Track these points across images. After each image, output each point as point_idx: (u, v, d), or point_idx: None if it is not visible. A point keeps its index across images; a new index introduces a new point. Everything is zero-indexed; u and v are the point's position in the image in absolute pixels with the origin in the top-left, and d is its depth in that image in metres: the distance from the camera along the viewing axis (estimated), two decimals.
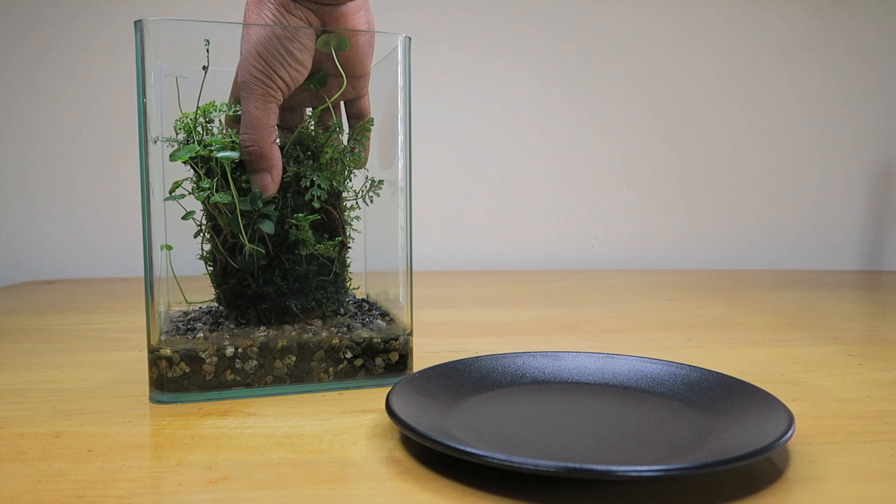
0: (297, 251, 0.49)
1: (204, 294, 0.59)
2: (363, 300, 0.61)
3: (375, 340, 0.51)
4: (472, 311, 0.83)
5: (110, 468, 0.36)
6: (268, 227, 0.47)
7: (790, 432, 0.35)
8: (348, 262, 0.53)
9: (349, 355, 0.50)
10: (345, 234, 0.52)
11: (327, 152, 0.50)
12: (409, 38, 0.51)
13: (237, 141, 0.48)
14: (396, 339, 0.51)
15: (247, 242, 0.48)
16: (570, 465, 0.31)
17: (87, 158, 1.15)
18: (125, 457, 0.37)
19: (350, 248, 0.53)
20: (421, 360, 0.56)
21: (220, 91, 0.56)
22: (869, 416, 0.45)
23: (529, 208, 1.28)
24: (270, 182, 0.48)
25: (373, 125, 0.53)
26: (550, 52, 1.25)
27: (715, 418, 0.41)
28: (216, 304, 0.52)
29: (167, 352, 0.46)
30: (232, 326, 0.51)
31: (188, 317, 0.54)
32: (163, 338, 0.48)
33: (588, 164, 1.29)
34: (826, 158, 1.35)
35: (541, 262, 1.28)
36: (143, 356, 0.58)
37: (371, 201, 0.54)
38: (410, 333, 0.52)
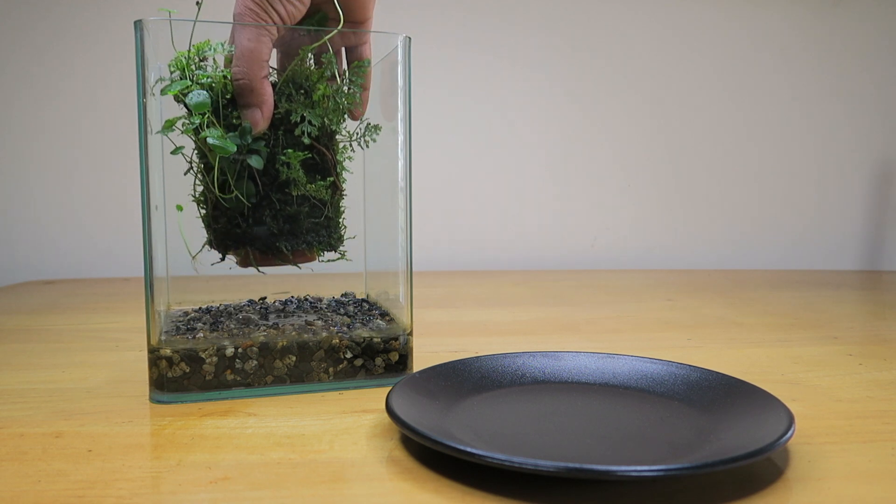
0: (287, 191, 0.49)
1: (204, 294, 0.59)
2: (363, 300, 0.61)
3: (375, 340, 0.51)
4: (472, 311, 0.83)
5: (110, 468, 0.36)
6: (256, 162, 0.46)
7: (790, 432, 0.35)
8: (343, 209, 0.52)
9: (349, 355, 0.50)
10: (337, 176, 0.51)
11: (319, 89, 0.49)
12: (409, 38, 0.51)
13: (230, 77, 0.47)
14: (396, 339, 0.51)
15: (232, 182, 0.47)
16: (570, 465, 0.31)
17: (88, 158, 1.15)
18: (125, 457, 0.37)
19: (345, 194, 0.52)
20: (421, 360, 0.56)
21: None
22: (869, 416, 0.45)
23: (529, 208, 1.28)
24: (261, 118, 0.47)
25: (369, 65, 0.52)
26: (550, 52, 1.25)
27: (715, 418, 0.41)
28: (208, 247, 0.51)
29: (167, 352, 0.46)
30: (232, 327, 0.51)
31: (188, 317, 0.54)
32: (163, 338, 0.48)
33: (588, 164, 1.29)
34: (826, 158, 1.35)
35: (541, 262, 1.28)
36: (143, 356, 0.58)
37: (367, 146, 0.52)
38: (410, 333, 0.52)
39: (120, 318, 0.77)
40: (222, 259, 0.50)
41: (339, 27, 0.50)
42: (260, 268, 0.50)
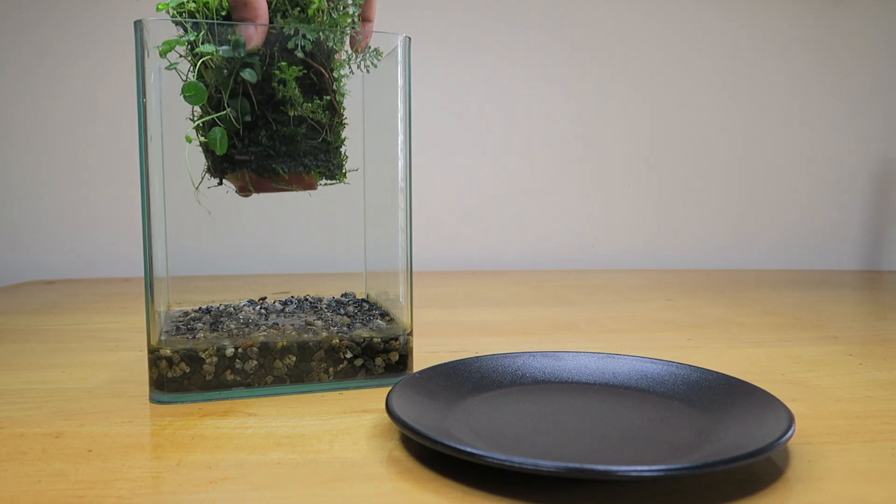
0: (283, 109, 0.47)
1: (204, 294, 0.59)
2: (363, 300, 0.61)
3: (375, 340, 0.51)
4: (472, 311, 0.83)
5: (110, 468, 0.36)
6: (249, 75, 0.46)
7: (790, 432, 0.35)
8: (343, 137, 0.51)
9: (349, 355, 0.50)
10: (335, 95, 0.49)
11: (314, 2, 0.48)
12: (409, 38, 0.51)
13: None
14: (396, 339, 0.51)
15: (226, 98, 0.46)
16: (570, 465, 0.31)
17: (87, 158, 1.15)
18: (125, 457, 0.37)
19: (346, 122, 0.50)
20: (421, 360, 0.56)
21: None
22: (869, 416, 0.45)
23: (529, 208, 1.28)
24: (254, 32, 0.46)
25: None
26: (550, 51, 1.25)
27: (715, 418, 0.41)
28: (208, 175, 0.50)
29: (167, 352, 0.46)
30: (232, 327, 0.51)
31: (188, 317, 0.54)
32: (163, 338, 0.48)
33: (588, 164, 1.29)
34: (826, 158, 1.35)
35: (541, 262, 1.28)
36: (143, 356, 0.58)
37: (367, 70, 0.51)
38: (410, 333, 0.52)
39: (120, 318, 0.77)
40: (220, 183, 0.49)
41: None
42: (258, 192, 0.49)
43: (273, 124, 0.47)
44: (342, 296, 0.62)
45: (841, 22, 1.32)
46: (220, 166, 0.48)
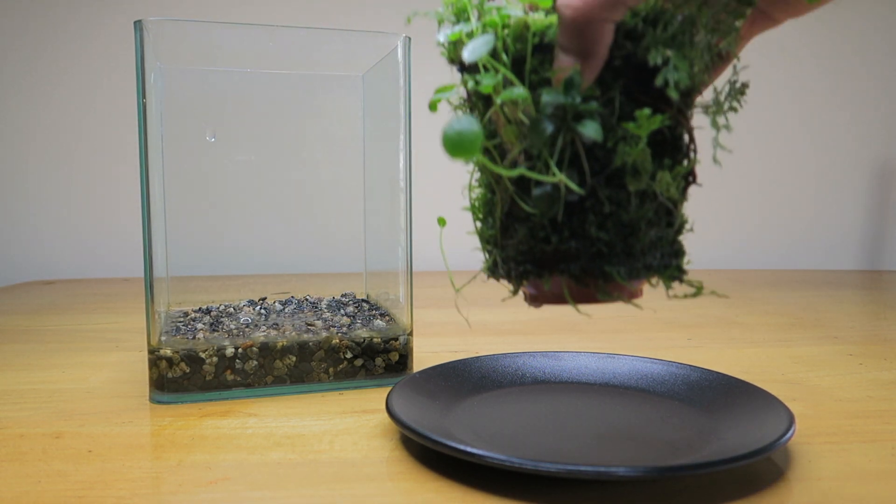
0: (622, 183, 0.31)
1: (204, 294, 0.59)
2: (363, 300, 0.61)
3: (375, 340, 0.51)
4: (472, 311, 0.83)
5: (110, 469, 0.36)
6: (592, 131, 0.29)
7: (790, 432, 0.35)
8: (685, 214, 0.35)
9: (349, 355, 0.50)
10: (694, 158, 0.35)
11: (690, 19, 0.31)
12: (409, 38, 0.51)
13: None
14: (396, 339, 0.51)
15: (553, 166, 0.30)
16: (570, 465, 0.31)
17: (87, 158, 1.15)
18: (125, 457, 0.37)
19: (700, 183, 0.36)
20: (421, 360, 0.56)
21: (232, 93, 0.56)
22: (869, 416, 0.45)
23: None
24: (586, 72, 0.30)
25: None
26: None
27: (715, 418, 0.41)
28: (486, 274, 0.36)
29: (167, 352, 0.46)
30: (232, 327, 0.51)
31: (188, 317, 0.54)
32: (163, 338, 0.48)
33: None
34: (826, 158, 1.35)
35: None
36: (143, 356, 0.58)
37: (735, 110, 0.37)
38: (410, 333, 0.52)
39: (120, 318, 0.77)
40: (515, 292, 0.35)
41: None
42: (575, 303, 0.33)
43: (606, 204, 0.31)
44: (342, 296, 0.62)
45: (841, 22, 1.32)
46: (521, 266, 0.33)
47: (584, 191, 0.31)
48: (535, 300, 0.34)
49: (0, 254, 1.15)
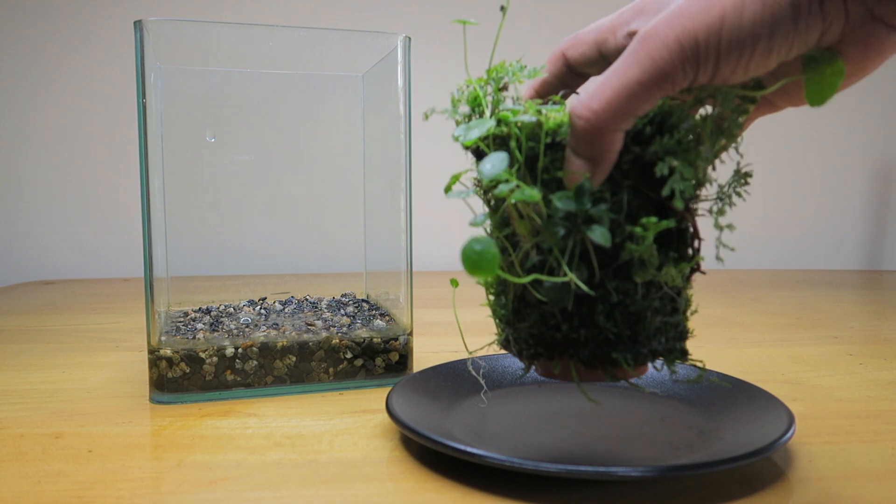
0: (630, 275, 0.33)
1: (204, 294, 0.59)
2: (363, 300, 0.61)
3: (375, 340, 0.51)
4: (472, 311, 0.82)
5: (111, 469, 0.36)
6: (600, 237, 0.31)
7: (790, 432, 0.35)
8: (690, 293, 0.37)
9: (349, 355, 0.50)
10: (698, 250, 0.36)
11: (694, 127, 0.33)
12: (409, 38, 0.51)
13: (558, 109, 0.34)
14: (396, 339, 0.51)
15: (564, 265, 0.32)
16: (570, 465, 0.31)
17: (88, 159, 1.15)
18: (125, 457, 0.37)
19: (704, 272, 0.37)
20: (421, 360, 0.56)
21: (232, 93, 0.55)
22: (869, 416, 0.45)
23: None
24: (595, 176, 0.32)
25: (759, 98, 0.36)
26: (550, 51, 1.25)
27: (715, 418, 0.41)
28: (499, 346, 0.38)
29: (167, 352, 0.46)
30: (232, 327, 0.51)
31: (188, 317, 0.54)
32: (163, 338, 0.48)
33: None
34: (826, 158, 1.35)
35: None
36: (143, 356, 0.58)
37: (737, 196, 0.38)
38: (410, 333, 0.52)
39: (120, 319, 0.77)
40: (527, 370, 0.37)
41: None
42: (581, 381, 0.35)
43: (614, 294, 0.33)
44: (342, 296, 0.62)
45: None
46: (529, 349, 0.35)
47: (594, 292, 0.33)
48: (546, 374, 0.36)
49: (0, 254, 1.15)
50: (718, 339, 0.67)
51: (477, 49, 1.22)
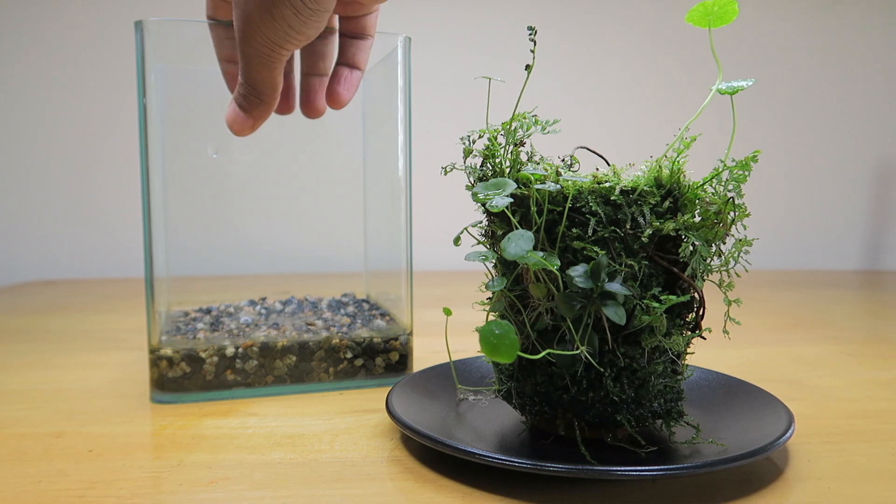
0: (638, 341, 0.34)
1: (204, 294, 0.59)
2: (363, 300, 0.61)
3: (376, 340, 0.51)
4: (473, 311, 0.82)
5: (111, 468, 0.36)
6: (614, 315, 0.32)
7: (790, 432, 0.35)
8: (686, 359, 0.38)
9: (349, 355, 0.50)
10: (702, 316, 0.37)
11: (708, 202, 0.36)
12: (409, 38, 0.51)
13: (578, 174, 0.36)
14: (397, 339, 0.51)
15: (577, 340, 0.33)
16: (570, 465, 0.31)
17: (88, 158, 1.15)
18: (126, 457, 0.37)
19: (705, 337, 0.37)
20: (421, 360, 0.56)
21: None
22: (869, 416, 0.45)
23: None
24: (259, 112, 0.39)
25: (755, 161, 0.39)
26: (551, 51, 1.25)
27: (715, 418, 0.41)
28: (497, 396, 0.39)
29: (168, 352, 0.46)
30: (232, 327, 0.51)
31: (188, 317, 0.54)
32: (163, 338, 0.48)
33: (588, 163, 1.29)
34: (826, 158, 1.35)
35: None
36: (144, 356, 0.58)
37: (735, 261, 0.40)
38: (411, 333, 0.52)
39: (120, 318, 0.77)
40: (528, 427, 0.39)
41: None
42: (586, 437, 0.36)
43: (621, 359, 0.34)
44: (342, 296, 0.62)
45: (841, 22, 1.32)
46: (533, 406, 0.37)
47: (607, 372, 0.34)
48: (548, 430, 0.38)
49: (0, 254, 1.15)
50: (718, 339, 0.67)
51: (477, 49, 1.22)
